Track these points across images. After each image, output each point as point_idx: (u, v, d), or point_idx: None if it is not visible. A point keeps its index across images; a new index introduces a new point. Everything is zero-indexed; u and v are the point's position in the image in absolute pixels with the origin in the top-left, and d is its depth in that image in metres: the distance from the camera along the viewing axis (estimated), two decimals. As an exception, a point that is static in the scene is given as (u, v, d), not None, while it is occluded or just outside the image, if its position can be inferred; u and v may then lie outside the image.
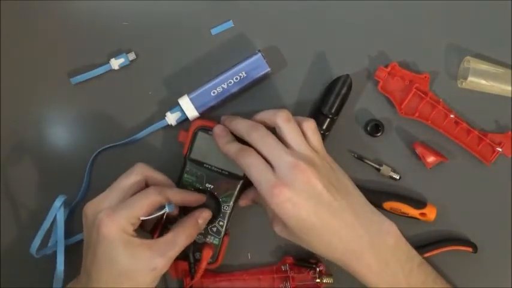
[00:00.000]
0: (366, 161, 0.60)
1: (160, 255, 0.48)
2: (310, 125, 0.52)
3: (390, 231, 0.50)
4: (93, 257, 0.48)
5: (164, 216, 0.53)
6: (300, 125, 0.52)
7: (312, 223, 0.48)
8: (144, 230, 0.54)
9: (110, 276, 0.47)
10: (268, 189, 0.48)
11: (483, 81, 0.59)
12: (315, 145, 0.51)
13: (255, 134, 0.51)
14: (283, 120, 0.51)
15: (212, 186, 0.56)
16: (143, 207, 0.49)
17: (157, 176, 0.53)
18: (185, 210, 0.55)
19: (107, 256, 0.47)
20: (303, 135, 0.51)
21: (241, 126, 0.52)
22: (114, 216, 0.47)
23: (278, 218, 0.50)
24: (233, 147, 0.52)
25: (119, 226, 0.47)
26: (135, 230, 0.49)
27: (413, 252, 0.52)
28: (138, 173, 0.52)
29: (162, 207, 0.50)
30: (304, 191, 0.48)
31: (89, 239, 0.49)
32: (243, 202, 0.57)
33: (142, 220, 0.49)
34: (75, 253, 0.53)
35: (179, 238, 0.50)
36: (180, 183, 0.56)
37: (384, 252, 0.49)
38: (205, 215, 0.53)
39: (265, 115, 0.53)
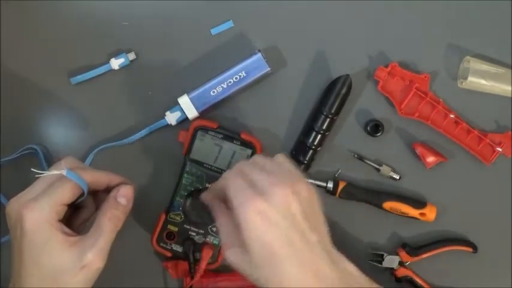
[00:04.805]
0: (366, 161, 0.60)
1: (89, 249, 0.44)
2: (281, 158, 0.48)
3: (353, 271, 0.44)
4: (20, 258, 0.44)
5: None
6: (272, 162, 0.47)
7: (278, 249, 0.41)
8: (74, 227, 0.49)
9: (37, 279, 0.43)
10: (243, 197, 0.43)
11: (483, 81, 0.59)
12: (294, 174, 0.46)
13: (245, 167, 0.46)
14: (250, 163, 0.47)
15: (212, 186, 0.56)
16: (65, 191, 0.45)
17: (84, 166, 0.49)
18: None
19: (31, 256, 0.44)
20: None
21: (219, 184, 0.48)
22: (35, 206, 0.43)
23: (238, 238, 0.43)
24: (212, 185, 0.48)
25: (42, 216, 0.43)
26: (62, 225, 0.45)
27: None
28: (63, 164, 0.47)
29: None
30: (280, 208, 0.42)
31: (14, 239, 0.45)
32: (206, 197, 0.51)
33: (71, 217, 0.46)
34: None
35: (103, 223, 0.45)
36: (180, 183, 0.56)
37: None
38: (123, 192, 0.48)
39: (219, 184, 0.48)
